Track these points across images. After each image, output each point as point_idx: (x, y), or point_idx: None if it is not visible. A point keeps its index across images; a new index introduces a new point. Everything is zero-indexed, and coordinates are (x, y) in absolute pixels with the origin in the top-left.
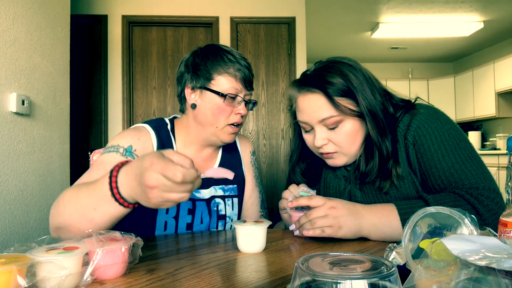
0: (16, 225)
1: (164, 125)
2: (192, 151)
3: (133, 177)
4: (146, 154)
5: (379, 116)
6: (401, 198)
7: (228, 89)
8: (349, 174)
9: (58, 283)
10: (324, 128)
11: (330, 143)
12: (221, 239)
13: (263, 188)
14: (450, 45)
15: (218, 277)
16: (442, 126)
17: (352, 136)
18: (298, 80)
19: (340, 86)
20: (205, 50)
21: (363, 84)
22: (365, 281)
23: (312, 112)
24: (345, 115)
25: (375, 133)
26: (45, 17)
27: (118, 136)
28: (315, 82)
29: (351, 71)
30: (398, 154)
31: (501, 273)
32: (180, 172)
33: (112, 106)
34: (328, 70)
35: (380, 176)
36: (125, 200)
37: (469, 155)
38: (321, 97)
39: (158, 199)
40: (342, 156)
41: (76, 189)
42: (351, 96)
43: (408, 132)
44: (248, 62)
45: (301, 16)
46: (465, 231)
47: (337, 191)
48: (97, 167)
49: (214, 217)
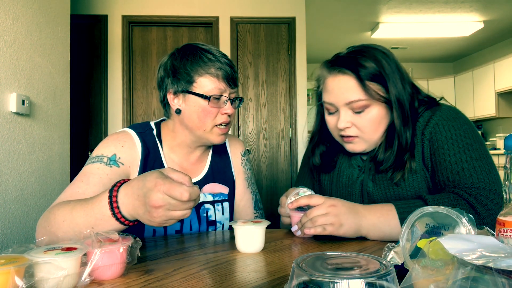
0: (16, 225)
1: (149, 130)
2: (179, 155)
3: (135, 197)
4: (147, 174)
5: (405, 106)
6: (412, 193)
7: (212, 90)
8: (363, 164)
9: (56, 284)
10: (350, 112)
11: (353, 126)
12: (220, 239)
13: (260, 188)
14: (450, 45)
15: (217, 277)
16: (460, 126)
17: (376, 123)
18: (329, 61)
19: (372, 70)
20: (183, 52)
21: (394, 72)
22: (362, 280)
23: (340, 94)
24: (373, 99)
25: (399, 122)
26: (45, 17)
27: (102, 144)
28: (347, 64)
29: (384, 58)
30: (415, 148)
31: (498, 272)
32: (187, 191)
33: (112, 106)
34: (362, 54)
35: (394, 167)
36: (126, 218)
37: (480, 156)
38: (352, 79)
39: (162, 218)
40: (362, 142)
41: (69, 209)
42: (382, 82)
43: (426, 128)
44: (228, 58)
45: (301, 16)
46: (462, 231)
47: (349, 179)
48: (81, 179)
49: (204, 223)
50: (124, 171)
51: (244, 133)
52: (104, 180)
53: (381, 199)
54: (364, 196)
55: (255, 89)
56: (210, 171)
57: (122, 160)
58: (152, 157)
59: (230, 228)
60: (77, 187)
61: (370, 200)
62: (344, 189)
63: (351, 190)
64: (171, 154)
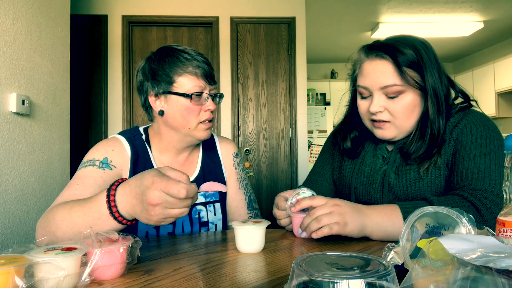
0: (16, 225)
1: (138, 135)
2: (168, 157)
3: (133, 195)
4: (145, 173)
5: (441, 97)
6: (432, 189)
7: (192, 88)
8: (388, 155)
9: (56, 284)
10: (384, 96)
11: (385, 111)
12: (220, 239)
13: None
14: (450, 45)
15: (217, 277)
16: (487, 132)
17: (409, 110)
18: (368, 45)
19: (410, 57)
20: (159, 54)
21: (432, 62)
22: (362, 280)
23: (376, 78)
24: (408, 85)
25: (433, 111)
26: (45, 17)
27: (92, 150)
28: (386, 49)
29: (423, 47)
30: (443, 146)
31: (498, 272)
32: (184, 189)
33: (112, 106)
34: (401, 41)
35: (423, 157)
36: (124, 218)
37: (500, 164)
38: (389, 64)
39: (159, 216)
40: (393, 128)
41: (68, 208)
42: (419, 69)
43: (455, 129)
44: (205, 57)
45: (301, 16)
46: (462, 231)
47: (372, 169)
48: (76, 182)
49: (196, 224)
50: (117, 174)
51: (244, 133)
52: (98, 182)
53: (401, 191)
54: (384, 186)
55: (255, 89)
56: (201, 173)
57: (114, 163)
58: (142, 160)
59: (225, 228)
60: (74, 189)
61: (390, 191)
62: (365, 178)
63: (372, 179)
64: (161, 156)
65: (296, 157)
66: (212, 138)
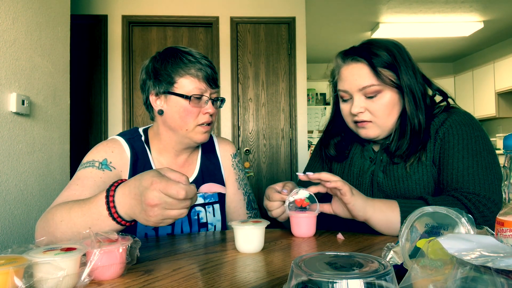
0: (16, 225)
1: (138, 136)
2: (167, 158)
3: (132, 196)
4: (144, 173)
5: (417, 93)
6: (420, 186)
7: (192, 90)
8: (375, 156)
9: (55, 284)
10: (363, 97)
11: (366, 111)
12: (219, 239)
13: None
14: (450, 45)
15: (216, 277)
16: (472, 132)
17: (388, 108)
18: (344, 51)
19: (385, 58)
20: (164, 54)
21: (406, 61)
22: (361, 280)
23: (354, 80)
24: (385, 85)
25: (410, 106)
26: (45, 17)
27: (92, 151)
28: (360, 52)
29: (396, 48)
30: (428, 141)
31: (497, 272)
32: (183, 189)
33: (112, 106)
34: (375, 44)
35: (407, 153)
36: (123, 218)
37: (487, 165)
38: (365, 66)
39: (158, 217)
40: (376, 127)
41: (67, 209)
42: (394, 69)
43: (441, 128)
44: (209, 60)
45: (301, 16)
46: (462, 230)
47: (360, 170)
48: (75, 182)
49: (195, 225)
50: (117, 175)
51: (244, 133)
52: (98, 182)
53: (390, 189)
54: (373, 186)
55: (255, 89)
56: (200, 174)
57: (113, 164)
58: (141, 161)
59: (224, 229)
60: (73, 190)
61: (379, 190)
62: (355, 179)
63: (361, 180)
64: (160, 157)
65: (296, 157)
66: (211, 139)
